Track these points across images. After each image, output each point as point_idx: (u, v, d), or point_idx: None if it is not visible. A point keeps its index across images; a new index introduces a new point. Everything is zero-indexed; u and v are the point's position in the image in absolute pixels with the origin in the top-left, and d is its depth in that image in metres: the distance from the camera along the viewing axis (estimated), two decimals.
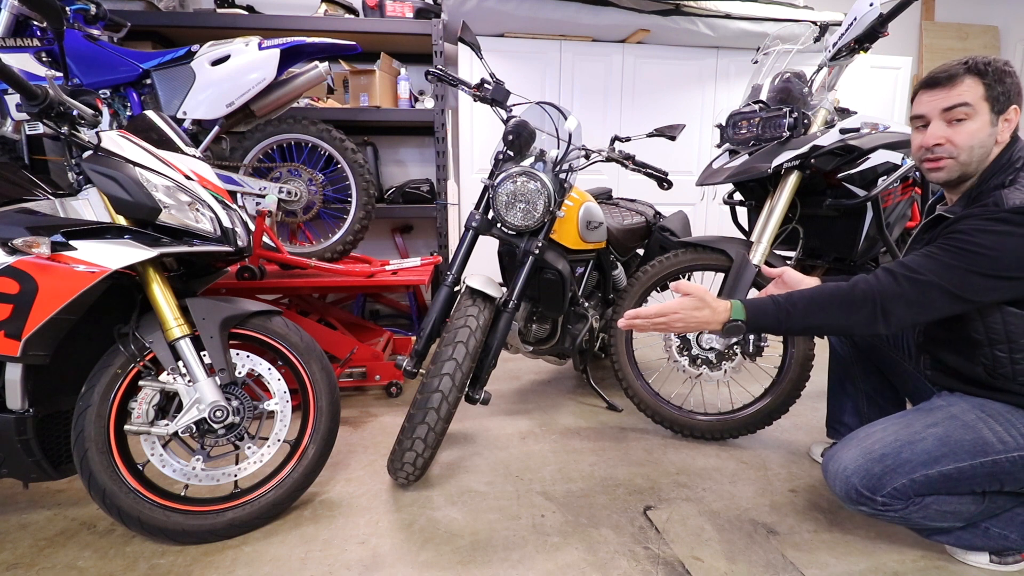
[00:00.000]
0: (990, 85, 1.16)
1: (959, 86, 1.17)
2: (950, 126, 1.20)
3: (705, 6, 3.04)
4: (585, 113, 3.31)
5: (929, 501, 1.19)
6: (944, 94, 1.19)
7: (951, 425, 1.19)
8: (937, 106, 1.20)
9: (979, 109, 1.17)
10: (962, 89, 1.17)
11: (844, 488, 1.22)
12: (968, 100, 1.17)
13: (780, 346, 1.88)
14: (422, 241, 3.74)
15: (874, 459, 1.20)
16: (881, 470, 1.18)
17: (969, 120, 1.18)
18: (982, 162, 1.20)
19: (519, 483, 1.66)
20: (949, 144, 1.20)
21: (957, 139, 1.19)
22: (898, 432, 1.22)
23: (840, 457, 1.25)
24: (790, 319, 1.22)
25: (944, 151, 1.20)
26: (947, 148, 1.20)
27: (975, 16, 4.09)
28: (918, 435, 1.20)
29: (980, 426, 1.18)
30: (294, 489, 1.44)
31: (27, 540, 1.37)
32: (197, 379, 1.31)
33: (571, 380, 2.62)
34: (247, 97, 2.06)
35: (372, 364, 2.29)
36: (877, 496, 1.18)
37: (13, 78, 1.09)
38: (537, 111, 1.79)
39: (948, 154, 1.20)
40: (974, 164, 1.20)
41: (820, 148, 1.67)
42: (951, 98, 1.18)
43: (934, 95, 1.21)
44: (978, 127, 1.17)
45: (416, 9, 3.07)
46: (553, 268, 1.80)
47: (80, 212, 1.22)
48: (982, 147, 1.18)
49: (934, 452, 1.17)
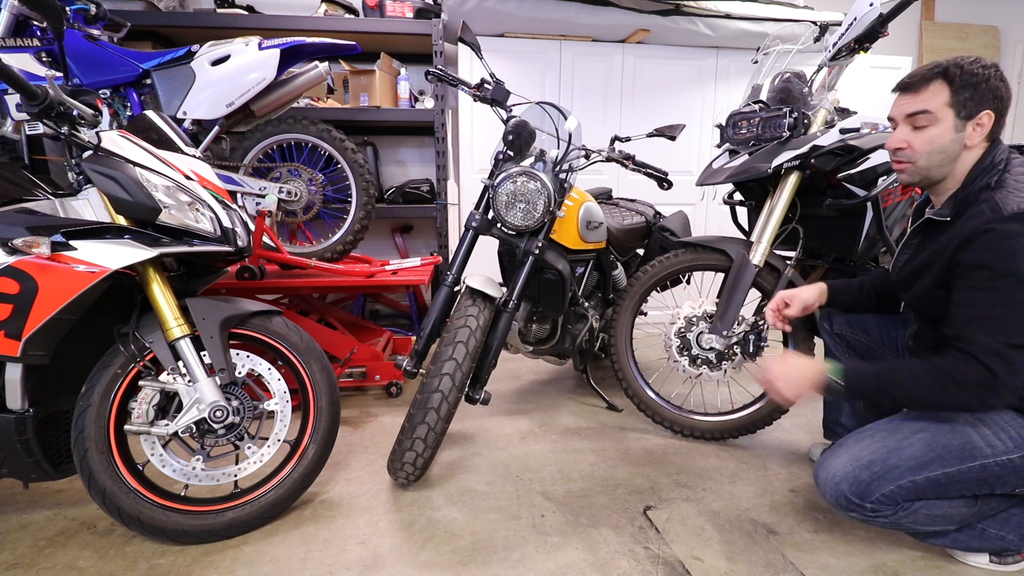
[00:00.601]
0: (956, 91, 1.16)
1: (924, 92, 1.19)
2: (913, 131, 1.22)
3: (705, 6, 3.04)
4: (585, 113, 3.31)
5: (918, 506, 1.19)
6: (910, 99, 1.22)
7: (938, 430, 1.19)
8: (903, 111, 1.23)
9: (941, 116, 1.18)
10: (926, 95, 1.19)
11: (834, 495, 1.23)
12: (929, 108, 1.18)
13: (780, 346, 1.88)
14: (422, 241, 3.74)
15: (862, 466, 1.20)
16: (869, 477, 1.19)
17: (930, 127, 1.19)
18: (945, 166, 1.21)
19: (519, 483, 1.66)
20: (909, 149, 1.23)
21: (916, 144, 1.21)
22: (886, 438, 1.22)
23: (829, 464, 1.25)
24: (884, 393, 1.21)
25: (904, 155, 1.24)
26: (906, 153, 1.23)
27: (975, 16, 4.09)
28: (905, 440, 1.20)
29: (968, 430, 1.17)
30: (294, 489, 1.44)
31: (27, 540, 1.37)
32: (197, 379, 1.31)
33: (571, 380, 2.62)
34: (247, 97, 2.06)
35: (372, 364, 2.29)
36: (866, 503, 1.19)
37: (13, 78, 1.09)
38: (537, 111, 1.79)
39: (907, 158, 1.24)
40: (935, 169, 1.22)
41: (820, 148, 1.66)
42: (915, 104, 1.21)
43: (903, 99, 1.24)
44: (938, 133, 1.19)
45: (416, 9, 3.07)
46: (553, 268, 1.80)
47: (80, 212, 1.22)
48: (942, 152, 1.20)
49: (921, 458, 1.17)
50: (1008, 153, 1.21)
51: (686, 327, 1.87)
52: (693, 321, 1.87)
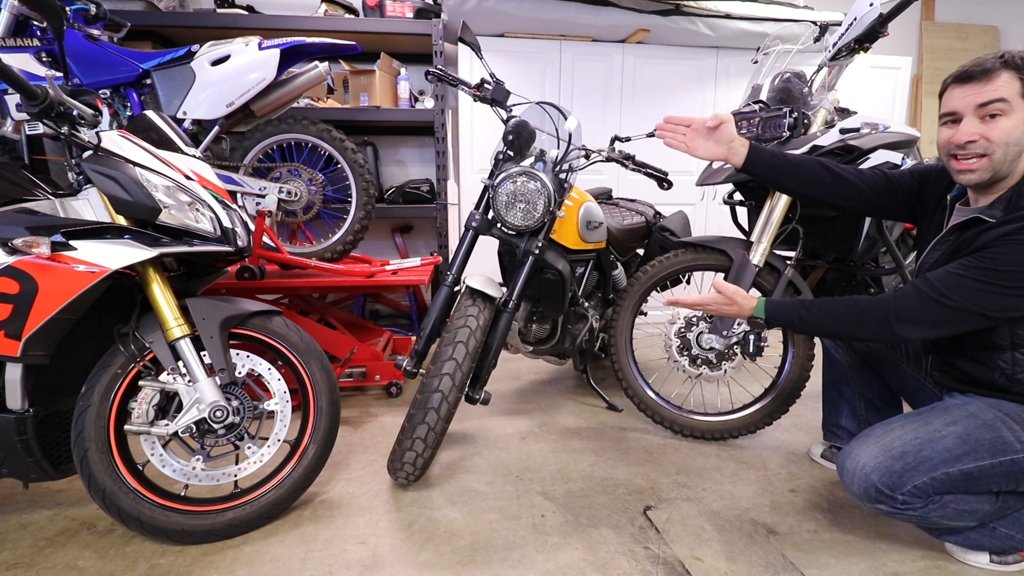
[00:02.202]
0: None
1: (995, 81, 1.11)
2: (983, 122, 1.13)
3: (705, 6, 3.04)
4: (585, 113, 3.31)
5: (948, 500, 1.18)
6: (979, 89, 1.13)
7: (971, 424, 1.18)
8: (971, 101, 1.14)
9: (1016, 106, 1.11)
10: (998, 84, 1.11)
11: (863, 486, 1.20)
12: (1005, 95, 1.11)
13: (780, 346, 1.88)
14: (422, 241, 3.74)
15: (894, 456, 1.18)
16: (902, 467, 1.17)
17: (1004, 116, 1.12)
18: (1015, 162, 1.14)
19: (519, 483, 1.66)
20: (984, 140, 1.13)
21: (993, 135, 1.12)
22: (917, 430, 1.21)
23: (858, 455, 1.22)
24: (803, 322, 1.30)
25: (978, 147, 1.14)
26: (981, 144, 1.14)
27: (975, 16, 4.09)
28: (938, 433, 1.19)
29: (999, 425, 1.17)
30: (294, 489, 1.44)
31: (27, 540, 1.37)
32: (197, 379, 1.31)
33: (571, 380, 2.62)
34: (247, 97, 2.06)
35: (372, 364, 2.29)
36: (897, 494, 1.17)
37: (13, 78, 1.09)
38: (537, 111, 1.79)
39: (982, 151, 1.14)
40: (1007, 164, 1.14)
41: (820, 148, 1.67)
42: (986, 93, 1.12)
43: (968, 90, 1.15)
44: (1014, 124, 1.12)
45: (416, 9, 3.07)
46: (553, 268, 1.79)
47: (80, 212, 1.22)
48: (1017, 145, 1.13)
49: (955, 450, 1.16)
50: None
51: (686, 327, 1.87)
52: (693, 321, 1.87)
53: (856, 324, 1.25)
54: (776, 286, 1.78)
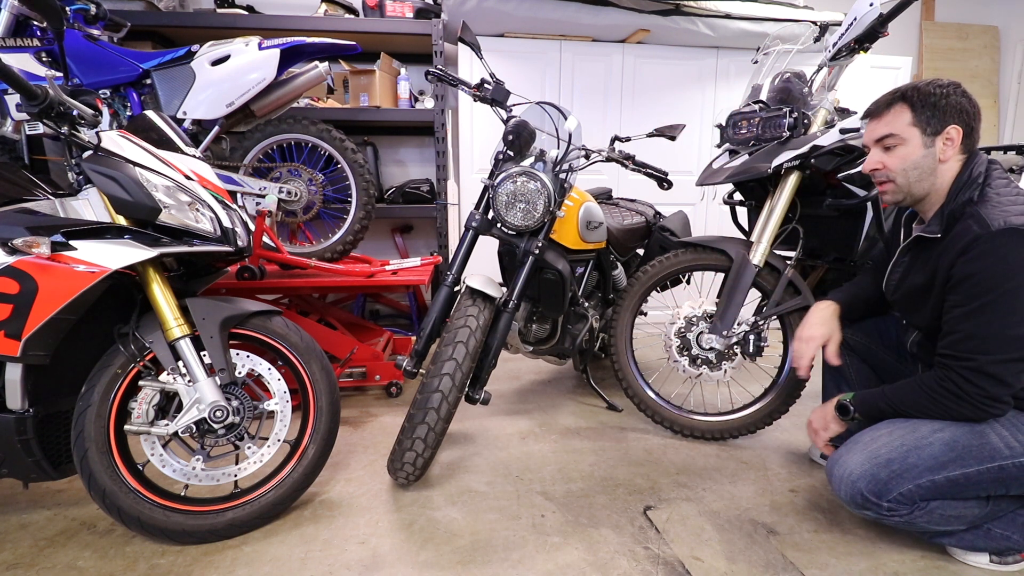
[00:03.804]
0: (917, 111, 1.22)
1: (887, 115, 1.26)
2: (885, 153, 1.28)
3: (705, 6, 3.04)
4: (585, 113, 3.31)
5: (934, 506, 1.19)
6: (875, 125, 1.29)
7: (958, 430, 1.19)
8: (871, 136, 1.30)
9: (907, 135, 1.23)
10: (889, 118, 1.25)
11: (850, 493, 1.22)
12: (893, 130, 1.24)
13: (780, 346, 1.88)
14: (422, 241, 3.74)
15: (880, 464, 1.20)
16: (887, 475, 1.19)
17: (899, 147, 1.25)
18: (924, 181, 1.25)
19: (519, 483, 1.66)
20: (885, 169, 1.28)
21: (890, 164, 1.27)
22: (904, 437, 1.22)
23: (845, 462, 1.25)
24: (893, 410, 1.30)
25: (881, 175, 1.29)
26: (883, 172, 1.28)
27: (975, 16, 4.09)
28: (924, 440, 1.20)
29: (987, 431, 1.18)
30: (294, 489, 1.44)
31: (27, 540, 1.37)
32: (197, 379, 1.31)
33: (571, 380, 2.62)
34: (247, 97, 2.06)
35: (372, 364, 2.29)
36: (883, 501, 1.19)
37: (13, 78, 1.09)
38: (537, 111, 1.79)
39: (886, 177, 1.28)
40: (915, 184, 1.26)
41: (820, 148, 1.67)
42: (879, 129, 1.27)
43: (871, 126, 1.31)
44: (909, 151, 1.24)
45: (416, 9, 3.07)
46: (553, 268, 1.79)
47: (80, 212, 1.22)
48: (917, 168, 1.24)
49: (941, 457, 1.17)
50: (987, 165, 1.23)
51: (686, 327, 1.87)
52: (693, 321, 1.87)
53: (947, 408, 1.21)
54: (776, 286, 1.78)
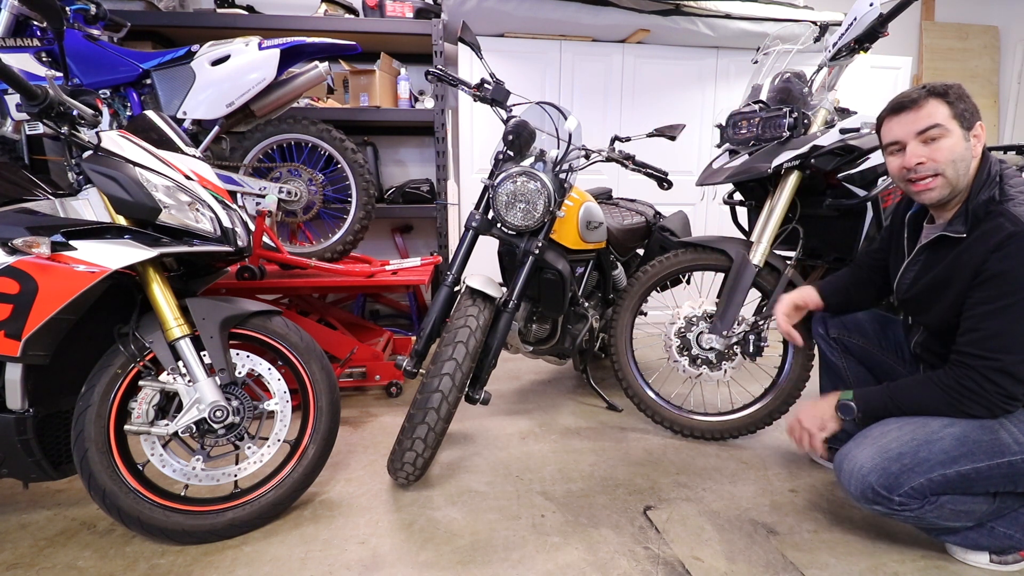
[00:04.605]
0: (953, 104, 1.19)
1: (925, 107, 1.20)
2: (926, 145, 1.21)
3: (705, 6, 3.03)
4: (585, 113, 3.31)
5: (944, 500, 1.19)
6: (913, 117, 1.22)
7: (968, 426, 1.19)
8: (910, 129, 1.22)
9: (950, 127, 1.20)
10: (929, 110, 1.20)
11: (860, 487, 1.22)
12: (939, 120, 1.19)
13: (780, 346, 1.88)
14: (422, 241, 3.74)
15: (891, 458, 1.20)
16: (899, 469, 1.19)
17: (944, 137, 1.20)
18: (964, 176, 1.22)
19: (519, 483, 1.66)
20: (931, 161, 1.21)
21: (938, 156, 1.20)
22: (915, 431, 1.22)
23: (855, 456, 1.24)
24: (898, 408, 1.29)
25: (928, 168, 1.22)
26: (930, 165, 1.21)
27: (975, 16, 4.09)
28: (935, 434, 1.20)
29: (996, 427, 1.18)
30: (294, 489, 1.44)
31: (27, 540, 1.37)
32: (197, 379, 1.31)
33: (571, 380, 2.62)
34: (247, 97, 2.06)
35: (372, 364, 2.29)
36: (894, 495, 1.19)
37: (13, 78, 1.09)
38: (537, 111, 1.79)
39: (933, 171, 1.21)
40: (960, 178, 1.21)
41: (820, 148, 1.67)
42: (922, 120, 1.21)
43: (903, 119, 1.24)
44: (954, 142, 1.20)
45: (416, 9, 3.07)
46: (553, 268, 1.79)
47: (80, 212, 1.22)
48: (963, 161, 1.20)
49: (952, 452, 1.18)
50: (1000, 164, 1.24)
51: (686, 327, 1.87)
52: (693, 321, 1.87)
53: (960, 405, 1.20)
54: (776, 286, 1.78)
